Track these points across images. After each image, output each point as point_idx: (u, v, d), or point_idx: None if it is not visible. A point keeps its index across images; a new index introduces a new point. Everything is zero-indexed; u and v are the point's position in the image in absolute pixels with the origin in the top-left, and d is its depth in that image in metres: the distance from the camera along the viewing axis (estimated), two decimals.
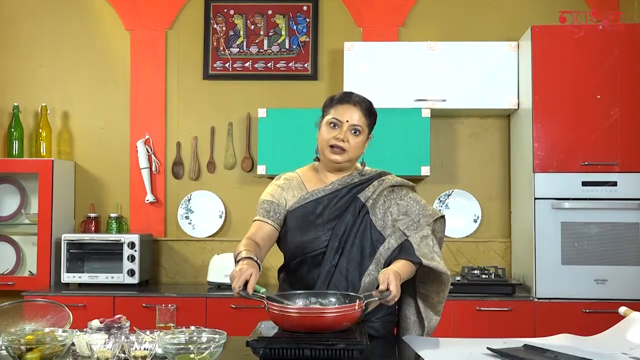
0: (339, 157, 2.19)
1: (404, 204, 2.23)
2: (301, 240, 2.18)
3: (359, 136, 2.20)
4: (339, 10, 4.29)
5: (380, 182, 2.25)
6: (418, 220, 2.20)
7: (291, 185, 2.28)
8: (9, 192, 4.22)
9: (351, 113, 2.20)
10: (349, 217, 2.18)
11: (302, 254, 2.19)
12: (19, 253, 4.19)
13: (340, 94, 2.28)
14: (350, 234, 2.16)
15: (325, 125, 2.23)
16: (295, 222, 2.20)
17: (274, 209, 2.24)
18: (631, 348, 1.96)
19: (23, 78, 4.34)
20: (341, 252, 2.15)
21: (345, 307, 1.86)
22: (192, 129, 4.30)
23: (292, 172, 2.36)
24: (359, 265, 2.15)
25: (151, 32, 4.31)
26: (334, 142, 2.18)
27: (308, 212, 2.20)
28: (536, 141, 3.63)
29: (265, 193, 2.31)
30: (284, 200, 2.25)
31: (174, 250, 4.27)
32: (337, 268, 2.14)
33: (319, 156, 2.28)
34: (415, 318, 2.24)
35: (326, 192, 2.22)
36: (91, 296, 3.72)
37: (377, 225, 2.18)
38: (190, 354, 1.73)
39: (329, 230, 2.17)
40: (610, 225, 3.60)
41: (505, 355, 1.85)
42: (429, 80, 3.90)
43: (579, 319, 3.50)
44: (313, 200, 2.21)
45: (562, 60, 3.65)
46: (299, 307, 1.94)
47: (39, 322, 2.13)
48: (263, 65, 4.28)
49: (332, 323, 1.83)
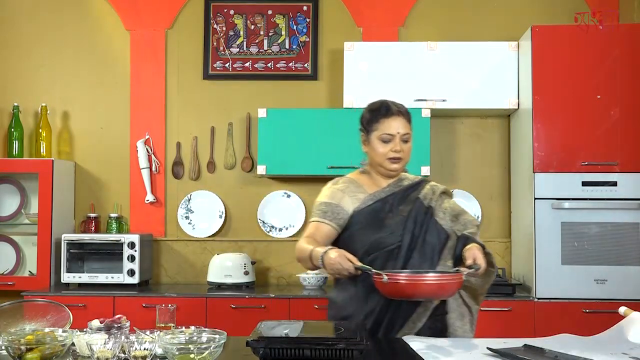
0: (399, 166, 2.35)
1: (454, 207, 2.40)
2: (378, 236, 2.28)
3: (409, 141, 2.37)
4: (339, 10, 4.29)
5: (434, 188, 2.41)
6: (464, 224, 2.36)
7: (351, 189, 2.39)
8: (9, 192, 4.22)
9: (398, 124, 2.33)
10: (416, 215, 2.31)
11: (379, 249, 2.28)
12: (19, 253, 4.20)
13: (380, 107, 2.37)
14: (421, 230, 2.30)
15: (377, 141, 2.34)
16: (366, 221, 2.32)
17: (331, 210, 2.34)
18: (631, 348, 1.97)
19: (23, 78, 4.34)
20: (414, 247, 2.27)
21: (450, 276, 2.09)
22: (192, 129, 4.30)
23: (346, 177, 2.46)
24: (431, 260, 2.28)
25: (151, 32, 4.31)
26: (392, 155, 2.33)
27: (377, 210, 2.33)
28: (536, 141, 3.63)
29: (322, 196, 2.40)
30: (346, 202, 2.35)
31: (174, 250, 4.27)
32: (410, 262, 2.25)
33: (368, 168, 2.42)
34: (462, 310, 2.34)
35: (386, 193, 2.36)
36: (91, 296, 3.72)
37: (442, 224, 2.34)
38: (190, 354, 1.73)
39: (401, 225, 2.30)
40: (610, 225, 3.60)
41: (505, 355, 1.86)
42: (429, 80, 3.90)
43: (579, 319, 3.50)
44: (380, 200, 2.35)
45: (562, 60, 3.65)
46: (407, 275, 2.09)
47: (39, 322, 2.13)
48: (263, 65, 4.28)
49: (437, 290, 2.05)
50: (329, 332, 1.93)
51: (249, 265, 3.94)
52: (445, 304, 2.32)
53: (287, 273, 4.22)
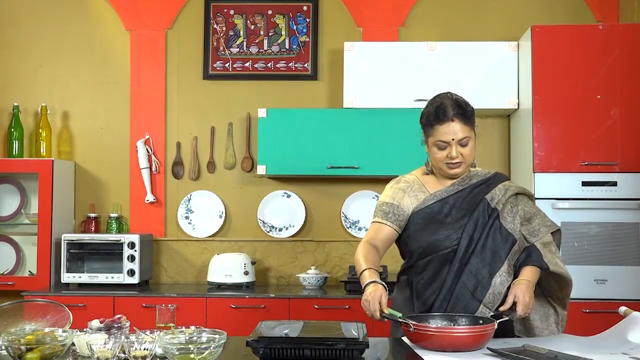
0: (459, 170, 2.26)
1: (528, 210, 2.30)
2: (433, 239, 2.22)
3: (469, 143, 2.25)
4: (339, 10, 4.29)
5: (507, 188, 2.29)
6: (539, 229, 2.24)
7: (412, 188, 2.33)
8: (9, 192, 4.22)
9: (453, 130, 2.21)
10: (478, 217, 2.22)
11: (434, 252, 2.23)
12: (19, 253, 4.19)
13: (435, 110, 2.24)
14: (482, 234, 2.21)
15: (433, 146, 2.27)
16: (423, 222, 2.26)
17: (393, 211, 2.29)
18: (631, 348, 1.97)
19: (23, 78, 4.34)
20: (472, 251, 2.19)
21: (480, 327, 1.96)
22: (192, 129, 4.30)
23: (409, 175, 2.40)
24: (490, 265, 2.19)
25: (151, 32, 4.31)
26: (449, 161, 2.24)
27: (435, 212, 2.25)
28: (536, 141, 3.63)
29: (385, 195, 2.35)
30: (406, 202, 2.30)
31: (174, 250, 4.27)
32: (467, 267, 2.19)
33: (432, 169, 2.34)
34: (546, 310, 2.28)
35: (449, 192, 2.28)
36: (91, 296, 3.72)
37: (508, 227, 2.23)
38: (190, 354, 1.73)
39: (460, 228, 2.22)
40: (610, 225, 3.60)
41: (505, 355, 1.86)
42: (429, 80, 3.90)
43: (579, 319, 3.49)
44: (439, 201, 2.27)
45: (562, 60, 3.65)
46: (437, 327, 2.00)
47: (39, 322, 2.13)
48: (263, 65, 4.28)
49: (470, 341, 1.93)
50: (329, 332, 1.93)
51: (249, 265, 3.94)
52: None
53: (287, 273, 4.22)
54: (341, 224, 4.21)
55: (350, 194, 4.20)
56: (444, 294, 2.20)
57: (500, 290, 2.16)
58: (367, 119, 3.86)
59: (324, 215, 4.23)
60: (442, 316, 2.11)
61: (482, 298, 2.17)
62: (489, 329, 1.96)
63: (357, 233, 4.19)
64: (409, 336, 2.01)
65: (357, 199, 4.20)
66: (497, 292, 2.16)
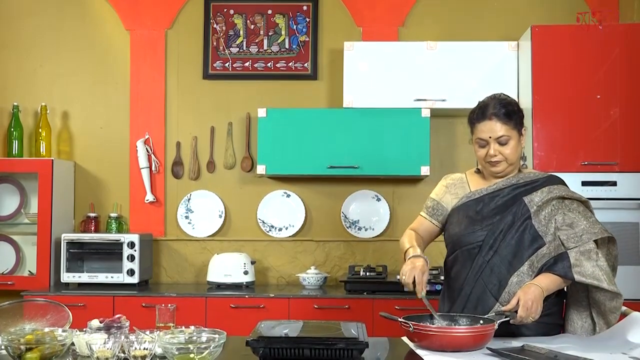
0: (499, 168, 2.30)
1: (572, 216, 2.23)
2: (460, 233, 2.29)
3: (509, 142, 2.26)
4: (338, 10, 4.29)
5: (551, 191, 2.25)
6: (581, 235, 2.17)
7: (455, 185, 2.41)
8: (9, 192, 4.22)
9: (490, 128, 2.26)
10: (509, 217, 2.24)
11: (458, 247, 2.30)
12: (19, 253, 4.19)
13: (478, 109, 2.32)
14: (508, 233, 2.22)
15: (475, 144, 2.34)
16: (456, 218, 2.33)
17: (434, 206, 2.42)
18: (631, 348, 1.97)
19: (23, 78, 4.34)
20: (495, 249, 2.22)
21: (481, 328, 1.97)
22: (191, 128, 4.30)
23: (460, 173, 2.47)
24: (510, 264, 2.20)
25: (151, 32, 4.31)
26: (488, 159, 2.29)
27: (469, 209, 2.31)
28: (536, 141, 3.63)
29: (433, 192, 2.47)
30: (447, 199, 2.40)
31: (174, 250, 4.27)
32: (488, 264, 2.22)
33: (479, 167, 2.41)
34: (583, 323, 2.25)
35: (488, 191, 2.32)
36: (91, 296, 3.72)
37: (538, 229, 2.21)
38: (190, 354, 1.73)
39: (487, 226, 2.25)
40: (610, 225, 3.55)
41: (505, 355, 1.86)
42: (428, 80, 3.90)
43: None
44: (474, 199, 2.32)
45: (562, 60, 3.64)
46: (437, 327, 2.02)
47: (38, 321, 2.13)
48: (263, 65, 4.28)
49: (470, 341, 1.94)
50: (329, 332, 1.93)
51: (249, 264, 3.94)
52: (555, 312, 2.26)
53: (287, 273, 4.22)
54: (341, 223, 4.21)
55: (350, 194, 4.21)
56: (466, 290, 2.25)
57: (517, 290, 2.13)
58: (367, 118, 3.86)
59: (323, 215, 4.23)
60: (442, 316, 2.12)
61: (499, 296, 2.19)
62: (489, 329, 1.97)
63: (356, 233, 4.19)
64: (409, 336, 2.02)
65: (357, 198, 4.21)
66: (512, 292, 2.16)
